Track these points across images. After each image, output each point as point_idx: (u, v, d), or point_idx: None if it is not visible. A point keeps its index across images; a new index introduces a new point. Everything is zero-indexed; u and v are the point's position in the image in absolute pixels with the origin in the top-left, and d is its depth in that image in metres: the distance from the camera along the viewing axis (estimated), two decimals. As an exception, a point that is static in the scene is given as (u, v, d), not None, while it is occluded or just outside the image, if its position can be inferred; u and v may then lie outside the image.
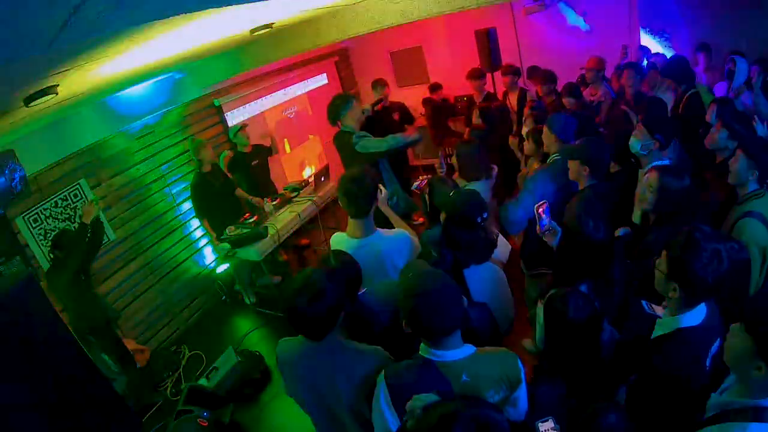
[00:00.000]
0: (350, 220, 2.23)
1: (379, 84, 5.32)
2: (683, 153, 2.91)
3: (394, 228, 2.39)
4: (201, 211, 4.54)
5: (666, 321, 1.46)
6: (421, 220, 4.93)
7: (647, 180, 2.08)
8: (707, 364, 1.40)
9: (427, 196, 2.81)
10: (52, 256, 3.35)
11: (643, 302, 1.67)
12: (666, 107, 3.32)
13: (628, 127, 3.05)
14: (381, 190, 2.33)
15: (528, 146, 3.28)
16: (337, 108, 3.32)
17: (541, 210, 2.14)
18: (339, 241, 2.28)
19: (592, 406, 1.35)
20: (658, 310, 1.66)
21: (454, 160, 2.97)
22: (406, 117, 5.46)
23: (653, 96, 3.69)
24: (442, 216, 2.17)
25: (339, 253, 1.91)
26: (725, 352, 1.16)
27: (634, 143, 2.54)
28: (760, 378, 1.05)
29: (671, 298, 1.42)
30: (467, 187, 2.55)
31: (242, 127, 4.83)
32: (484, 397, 1.34)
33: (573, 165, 2.47)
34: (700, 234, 1.34)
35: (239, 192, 4.73)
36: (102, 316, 3.47)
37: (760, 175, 2.04)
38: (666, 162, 2.49)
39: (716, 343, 1.41)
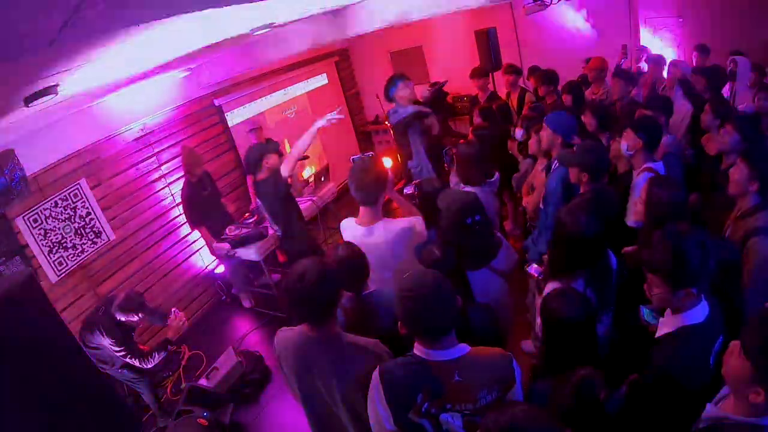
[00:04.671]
0: (360, 207, 2.30)
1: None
2: (677, 164, 2.83)
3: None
4: (195, 222, 4.46)
5: (670, 319, 1.46)
6: None
7: (639, 192, 2.10)
8: (711, 361, 1.40)
9: (417, 200, 2.80)
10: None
11: (641, 308, 1.68)
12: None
13: None
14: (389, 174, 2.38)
15: (533, 144, 3.26)
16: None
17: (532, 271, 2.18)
18: (347, 225, 2.37)
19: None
20: (651, 319, 1.67)
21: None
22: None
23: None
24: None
25: (348, 244, 1.98)
26: (723, 367, 1.14)
27: (622, 145, 2.56)
28: (758, 402, 1.02)
29: (656, 296, 1.43)
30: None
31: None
32: (476, 397, 1.35)
33: (573, 171, 2.50)
34: (673, 228, 1.41)
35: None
36: None
37: (761, 187, 1.94)
38: (659, 165, 2.49)
39: (719, 341, 1.42)
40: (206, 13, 1.54)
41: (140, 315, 3.03)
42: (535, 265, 2.37)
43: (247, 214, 4.50)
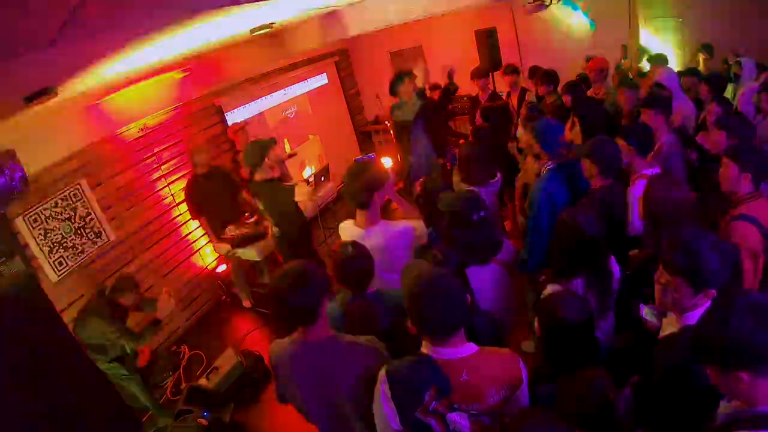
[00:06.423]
0: (356, 210, 2.29)
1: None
2: (679, 164, 2.82)
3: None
4: (196, 212, 4.48)
5: (673, 320, 1.46)
6: None
7: (635, 200, 2.09)
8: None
9: (421, 200, 2.79)
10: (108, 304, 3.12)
11: (641, 306, 1.67)
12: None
13: None
14: (389, 176, 2.35)
15: (525, 139, 3.23)
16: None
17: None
18: (346, 227, 2.35)
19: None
20: (652, 317, 1.66)
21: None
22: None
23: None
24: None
25: (356, 243, 1.95)
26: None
27: None
28: (748, 383, 1.04)
29: (676, 299, 1.42)
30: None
31: (242, 128, 4.86)
32: (485, 397, 1.34)
33: (585, 163, 2.45)
34: (688, 231, 1.41)
35: (245, 194, 4.70)
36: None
37: (754, 177, 1.99)
38: (655, 172, 2.47)
39: None
40: (207, 13, 1.54)
41: (133, 294, 3.21)
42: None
43: (246, 214, 4.50)
